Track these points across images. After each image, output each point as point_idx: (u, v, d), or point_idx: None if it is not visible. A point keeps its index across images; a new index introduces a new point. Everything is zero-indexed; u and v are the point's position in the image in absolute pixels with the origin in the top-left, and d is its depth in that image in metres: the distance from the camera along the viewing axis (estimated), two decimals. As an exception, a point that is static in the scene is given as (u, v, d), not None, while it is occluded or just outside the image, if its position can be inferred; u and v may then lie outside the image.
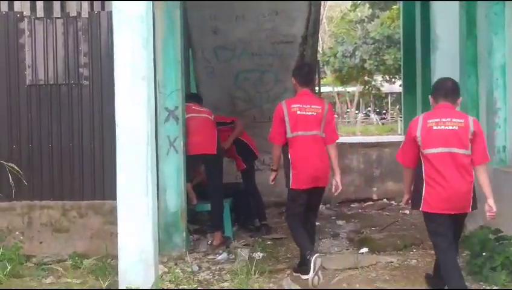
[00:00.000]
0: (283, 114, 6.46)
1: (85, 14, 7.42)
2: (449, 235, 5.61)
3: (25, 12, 7.45)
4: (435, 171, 5.48)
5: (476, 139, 5.49)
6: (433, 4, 11.14)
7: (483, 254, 6.34)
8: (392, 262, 6.85)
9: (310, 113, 6.47)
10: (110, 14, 7.05)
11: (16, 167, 6.67)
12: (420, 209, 5.60)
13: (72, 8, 7.44)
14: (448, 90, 5.66)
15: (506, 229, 6.63)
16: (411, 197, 5.78)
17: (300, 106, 6.48)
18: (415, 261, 6.96)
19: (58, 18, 7.44)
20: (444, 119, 5.49)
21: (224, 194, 8.00)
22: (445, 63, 10.32)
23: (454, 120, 5.49)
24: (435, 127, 5.49)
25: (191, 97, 8.44)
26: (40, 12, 7.44)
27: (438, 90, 5.72)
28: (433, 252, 7.06)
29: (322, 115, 6.50)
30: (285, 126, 6.45)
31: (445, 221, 5.55)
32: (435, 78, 11.02)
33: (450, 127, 5.47)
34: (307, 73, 6.77)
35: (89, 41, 7.42)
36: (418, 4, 11.75)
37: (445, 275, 5.59)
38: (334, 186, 6.62)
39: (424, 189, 5.53)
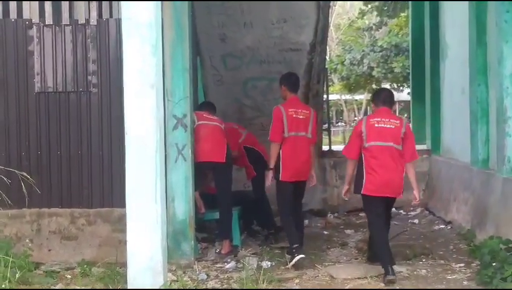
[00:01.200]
0: (282, 116, 7.34)
1: (93, 21, 7.43)
2: (383, 216, 6.80)
3: (33, 20, 7.45)
4: (374, 161, 6.64)
5: (406, 139, 6.74)
6: (443, 11, 11.12)
7: (494, 264, 6.26)
8: (401, 272, 6.76)
9: (301, 116, 7.46)
10: (118, 21, 7.12)
11: (27, 176, 6.63)
12: (361, 193, 6.71)
13: (81, 15, 7.45)
14: (386, 97, 6.98)
15: (517, 239, 6.58)
16: (354, 184, 6.85)
17: (295, 110, 7.45)
18: (425, 271, 6.88)
19: (67, 25, 7.45)
20: (384, 119, 6.73)
21: (232, 202, 7.95)
22: (454, 71, 10.29)
23: (392, 120, 6.75)
24: (376, 125, 6.70)
25: (205, 105, 8.46)
26: (48, 20, 7.44)
27: (378, 97, 7.04)
28: (442, 261, 7.23)
29: (309, 118, 7.50)
30: (284, 127, 7.31)
31: (381, 202, 6.72)
32: (444, 86, 11.04)
33: (388, 126, 6.70)
34: (295, 80, 7.73)
35: (98, 49, 7.44)
36: (427, 11, 11.69)
37: (378, 250, 6.77)
38: (310, 180, 7.64)
39: (365, 176, 6.67)
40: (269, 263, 7.23)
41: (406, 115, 35.28)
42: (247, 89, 10.17)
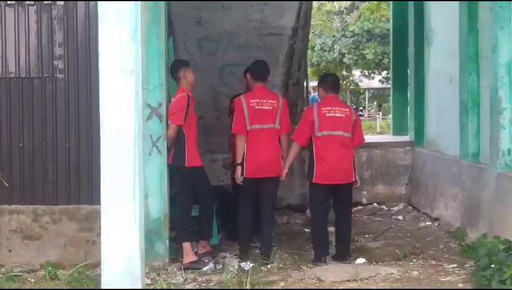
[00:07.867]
0: (243, 107, 7.12)
1: (60, 1, 7.11)
2: (328, 203, 7.12)
3: (-6, -2, 7.11)
4: (325, 150, 6.91)
5: (356, 126, 7.08)
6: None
7: (492, 265, 5.96)
8: (392, 273, 6.45)
9: (266, 107, 7.16)
10: (87, 2, 6.95)
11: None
12: (312, 180, 6.99)
13: (47, -6, 7.14)
14: (334, 83, 7.27)
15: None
16: (307, 172, 7.12)
17: (258, 100, 7.15)
18: (416, 272, 6.57)
19: (31, 5, 7.14)
20: (335, 108, 6.98)
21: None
22: (440, 58, 10.12)
23: (342, 109, 7.04)
24: (328, 114, 6.94)
25: None
26: (11, -2, 7.11)
27: (326, 83, 7.22)
28: (434, 262, 7.06)
29: (277, 108, 7.19)
30: (245, 119, 7.09)
31: (329, 190, 7.00)
32: (429, 74, 10.80)
33: (339, 115, 6.97)
34: (260, 68, 7.45)
35: (65, 31, 7.13)
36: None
37: (315, 236, 7.18)
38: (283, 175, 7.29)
39: (315, 165, 6.95)
40: (251, 264, 6.79)
41: (375, 103, 35.26)
42: (223, 75, 9.87)
